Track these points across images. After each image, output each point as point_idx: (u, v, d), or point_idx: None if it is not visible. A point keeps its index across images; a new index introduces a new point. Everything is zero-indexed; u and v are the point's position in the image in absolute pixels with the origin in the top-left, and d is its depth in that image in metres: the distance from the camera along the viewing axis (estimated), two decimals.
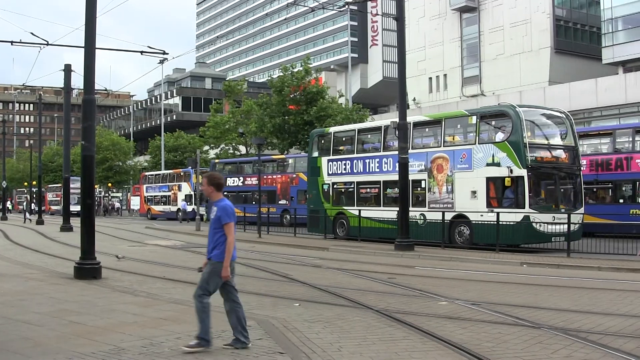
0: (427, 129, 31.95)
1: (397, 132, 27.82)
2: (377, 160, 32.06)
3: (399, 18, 28.38)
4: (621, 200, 32.31)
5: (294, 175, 50.58)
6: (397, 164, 29.83)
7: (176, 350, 9.41)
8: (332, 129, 38.07)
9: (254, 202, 47.81)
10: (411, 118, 33.33)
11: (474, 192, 27.24)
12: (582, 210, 27.48)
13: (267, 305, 13.49)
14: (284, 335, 10.38)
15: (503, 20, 75.43)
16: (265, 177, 50.38)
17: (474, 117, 28.27)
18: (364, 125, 40.18)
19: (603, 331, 10.85)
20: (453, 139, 29.71)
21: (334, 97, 63.13)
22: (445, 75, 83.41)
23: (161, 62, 42.55)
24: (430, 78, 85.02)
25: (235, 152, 71.79)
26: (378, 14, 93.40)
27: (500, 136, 26.90)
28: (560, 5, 73.59)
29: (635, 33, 62.17)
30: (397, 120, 28.14)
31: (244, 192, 55.74)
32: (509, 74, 73.67)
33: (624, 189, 33.18)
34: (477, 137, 27.66)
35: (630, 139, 34.03)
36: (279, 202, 51.25)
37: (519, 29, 73.74)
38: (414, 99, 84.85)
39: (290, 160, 53.42)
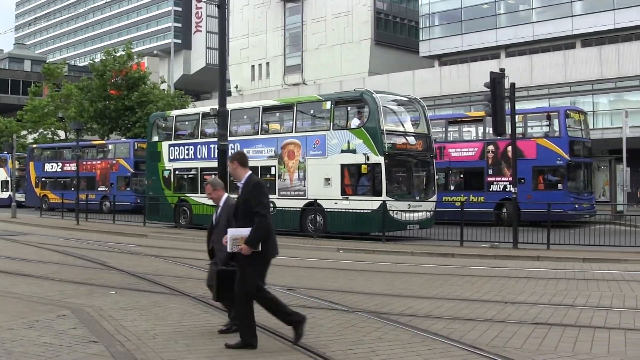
0: (277, 114, 31.50)
1: (216, 119, 27.50)
2: (227, 144, 30.50)
3: (221, 5, 28.14)
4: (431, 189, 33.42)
5: (114, 162, 49.59)
6: (243, 150, 29.66)
7: None
8: (174, 113, 36.92)
9: (72, 189, 46.52)
10: (261, 102, 33.27)
11: (327, 180, 26.75)
12: (435, 197, 27.89)
13: (83, 294, 13.25)
14: (99, 324, 10.25)
15: (325, 11, 76.53)
16: (84, 163, 49.18)
17: (329, 103, 27.75)
18: (208, 109, 39.34)
19: (413, 313, 11.29)
20: (303, 124, 29.24)
21: (156, 83, 62.34)
22: (267, 63, 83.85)
23: None
24: (253, 66, 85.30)
25: (55, 137, 69.64)
26: (202, 0, 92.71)
27: (356, 122, 26.66)
28: None
29: (451, 28, 64.56)
30: (217, 107, 27.77)
31: (62, 178, 54.17)
32: (330, 64, 74.90)
33: (437, 177, 34.42)
34: (331, 123, 27.21)
35: (444, 130, 35.33)
36: (99, 188, 50.07)
37: (341, 20, 75.05)
38: (236, 86, 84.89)
39: (111, 146, 52.34)
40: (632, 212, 30.28)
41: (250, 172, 9.12)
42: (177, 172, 33.52)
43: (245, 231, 8.66)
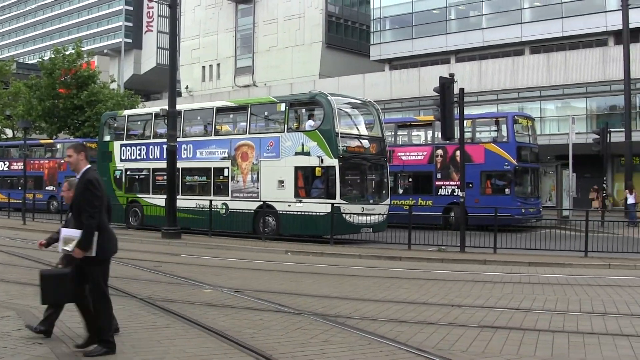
0: (231, 115, 31.30)
1: (165, 120, 27.38)
2: (176, 146, 29.06)
3: (173, 5, 28.02)
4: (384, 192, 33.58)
5: (62, 161, 49.03)
6: (196, 151, 29.64)
7: None
8: (127, 112, 36.46)
9: (19, 188, 45.92)
10: (215, 103, 33.09)
11: (281, 182, 26.56)
12: (388, 201, 27.89)
13: (29, 295, 13.04)
14: None
15: (277, 13, 76.55)
16: (32, 162, 48.51)
17: (283, 105, 27.51)
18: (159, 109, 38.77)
19: (360, 316, 11.33)
20: (257, 125, 29.08)
21: (106, 82, 61.82)
22: (218, 64, 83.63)
23: None
24: (204, 67, 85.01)
25: (2, 135, 68.69)
26: (154, 0, 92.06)
27: (310, 124, 26.50)
28: (333, 2, 75.45)
29: (402, 33, 64.93)
30: (167, 107, 27.64)
31: (9, 177, 53.41)
32: (281, 66, 74.99)
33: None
34: (285, 125, 27.07)
35: (393, 134, 35.46)
36: (46, 188, 49.48)
37: (293, 23, 75.11)
38: (187, 87, 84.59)
39: (59, 145, 51.59)
40: (577, 217, 30.67)
41: (89, 166, 8.86)
42: (128, 173, 33.20)
43: (77, 233, 8.49)
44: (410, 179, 35.12)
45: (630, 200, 35.62)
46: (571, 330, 10.55)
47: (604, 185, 39.88)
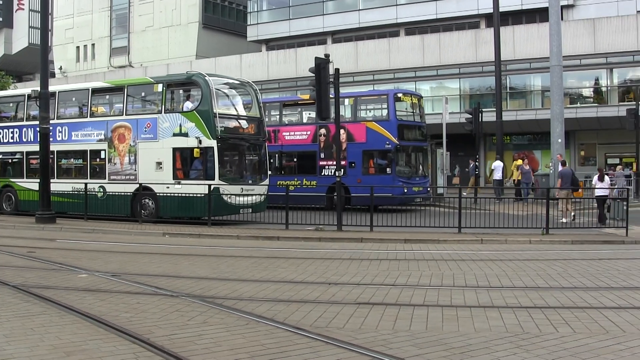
0: (107, 96, 30.56)
1: (37, 101, 26.74)
2: (49, 128, 28.12)
3: None
4: (269, 172, 33.43)
5: None
6: (71, 133, 29.00)
7: None
8: None
9: None
10: (91, 84, 32.47)
11: (159, 163, 26.25)
12: (267, 181, 27.85)
13: None
14: None
15: None
16: None
17: (160, 85, 27.13)
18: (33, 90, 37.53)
19: (238, 297, 11.38)
20: (133, 106, 28.46)
21: None
22: (93, 44, 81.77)
23: None
24: (78, 47, 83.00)
25: None
26: None
27: (188, 105, 26.25)
28: None
29: (279, 14, 64.93)
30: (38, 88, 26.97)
31: None
32: (157, 46, 73.97)
33: (272, 160, 33.75)
34: (163, 106, 26.68)
35: (278, 113, 35.40)
36: None
37: (169, 3, 74.05)
38: (61, 68, 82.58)
39: None
40: (451, 194, 31.45)
41: None
42: (1, 156, 32.30)
43: None
44: (295, 159, 34.89)
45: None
46: (445, 304, 10.87)
47: (477, 163, 40.92)
